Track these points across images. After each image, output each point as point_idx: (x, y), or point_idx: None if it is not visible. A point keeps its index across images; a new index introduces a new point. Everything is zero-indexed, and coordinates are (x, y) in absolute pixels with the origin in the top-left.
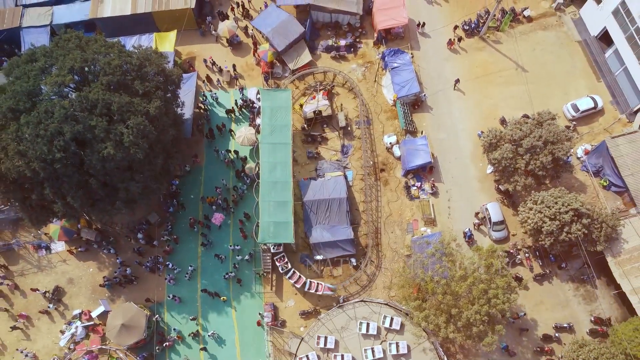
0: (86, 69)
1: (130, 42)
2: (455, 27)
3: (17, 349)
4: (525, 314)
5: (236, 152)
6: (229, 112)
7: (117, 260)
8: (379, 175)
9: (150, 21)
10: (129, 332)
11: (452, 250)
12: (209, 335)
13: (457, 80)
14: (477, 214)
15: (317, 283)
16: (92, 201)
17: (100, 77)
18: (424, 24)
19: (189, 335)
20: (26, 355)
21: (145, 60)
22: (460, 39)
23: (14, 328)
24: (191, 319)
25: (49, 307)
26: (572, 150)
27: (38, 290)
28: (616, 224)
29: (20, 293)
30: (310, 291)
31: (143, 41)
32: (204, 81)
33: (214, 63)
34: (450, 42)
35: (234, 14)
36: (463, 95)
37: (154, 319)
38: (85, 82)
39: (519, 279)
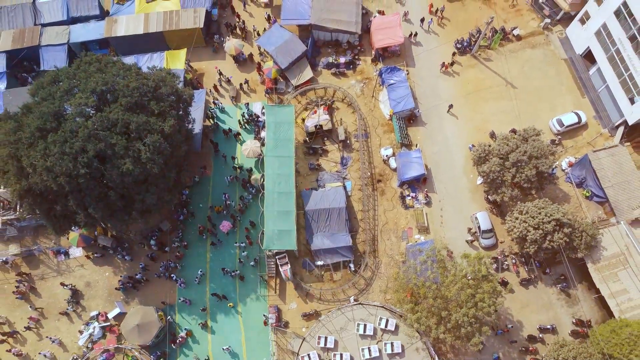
0: (104, 88)
1: (143, 60)
2: (454, 54)
3: (46, 337)
4: (512, 327)
5: (240, 167)
6: (236, 135)
7: (140, 265)
8: (376, 186)
9: (161, 40)
10: (140, 333)
11: (442, 257)
12: (223, 350)
13: (451, 106)
14: (469, 229)
15: (287, 263)
16: (110, 211)
17: (119, 98)
18: (416, 34)
19: (198, 324)
20: (53, 342)
21: (160, 81)
22: (453, 63)
23: (27, 328)
24: (201, 310)
25: (68, 309)
26: (557, 163)
27: (66, 285)
28: (595, 232)
29: (37, 295)
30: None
31: (155, 59)
32: (210, 90)
33: (221, 73)
34: (444, 65)
35: (239, 21)
36: (455, 111)
37: (167, 319)
38: (105, 102)
39: (504, 283)
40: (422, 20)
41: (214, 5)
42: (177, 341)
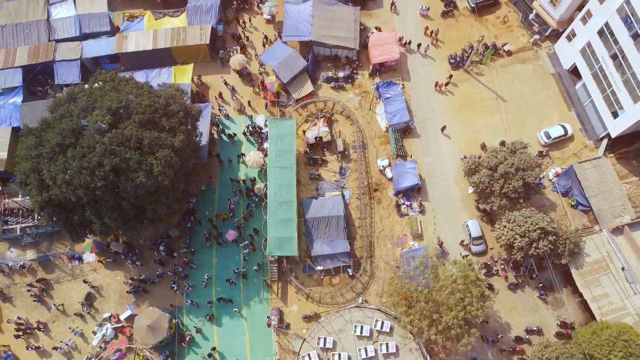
0: (119, 105)
1: (152, 75)
2: (450, 76)
3: (69, 328)
4: (502, 336)
5: (244, 180)
6: (239, 156)
7: (157, 272)
8: (372, 195)
9: (169, 55)
10: (147, 334)
11: (434, 263)
12: None
13: (444, 127)
14: (462, 242)
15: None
16: (124, 220)
17: (133, 115)
18: (410, 42)
19: (206, 317)
20: (75, 333)
21: (171, 99)
22: (447, 84)
23: (38, 329)
24: (207, 302)
25: (83, 310)
26: (544, 174)
27: (88, 282)
28: (578, 240)
29: (51, 297)
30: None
31: (163, 74)
32: (215, 97)
33: (226, 83)
34: (438, 85)
35: (244, 28)
36: (448, 123)
37: (174, 320)
38: (120, 119)
39: (490, 288)
40: (419, 45)
41: (219, 21)
42: (187, 339)
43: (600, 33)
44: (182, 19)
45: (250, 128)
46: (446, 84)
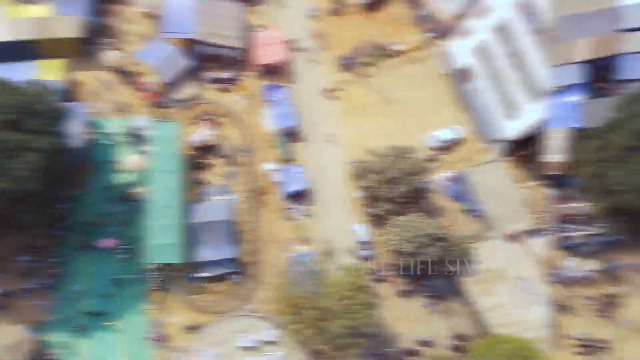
0: None
1: (15, 70)
2: (339, 80)
3: None
4: (390, 352)
5: (122, 185)
6: (116, 160)
7: (22, 286)
8: (260, 199)
9: (34, 48)
10: (9, 354)
11: (321, 268)
12: None
13: (331, 135)
14: (348, 248)
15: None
16: None
17: None
18: (296, 41)
19: (75, 330)
20: None
21: (36, 97)
22: (335, 88)
23: None
24: (78, 312)
25: None
26: (433, 178)
27: None
28: (468, 247)
29: None
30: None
31: (28, 70)
32: (89, 96)
33: (101, 80)
34: (326, 88)
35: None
36: (336, 126)
37: (39, 338)
38: None
39: (378, 295)
40: (307, 48)
41: (92, 13)
42: (53, 357)
43: (497, 30)
44: (48, 8)
45: (129, 130)
46: (334, 88)
